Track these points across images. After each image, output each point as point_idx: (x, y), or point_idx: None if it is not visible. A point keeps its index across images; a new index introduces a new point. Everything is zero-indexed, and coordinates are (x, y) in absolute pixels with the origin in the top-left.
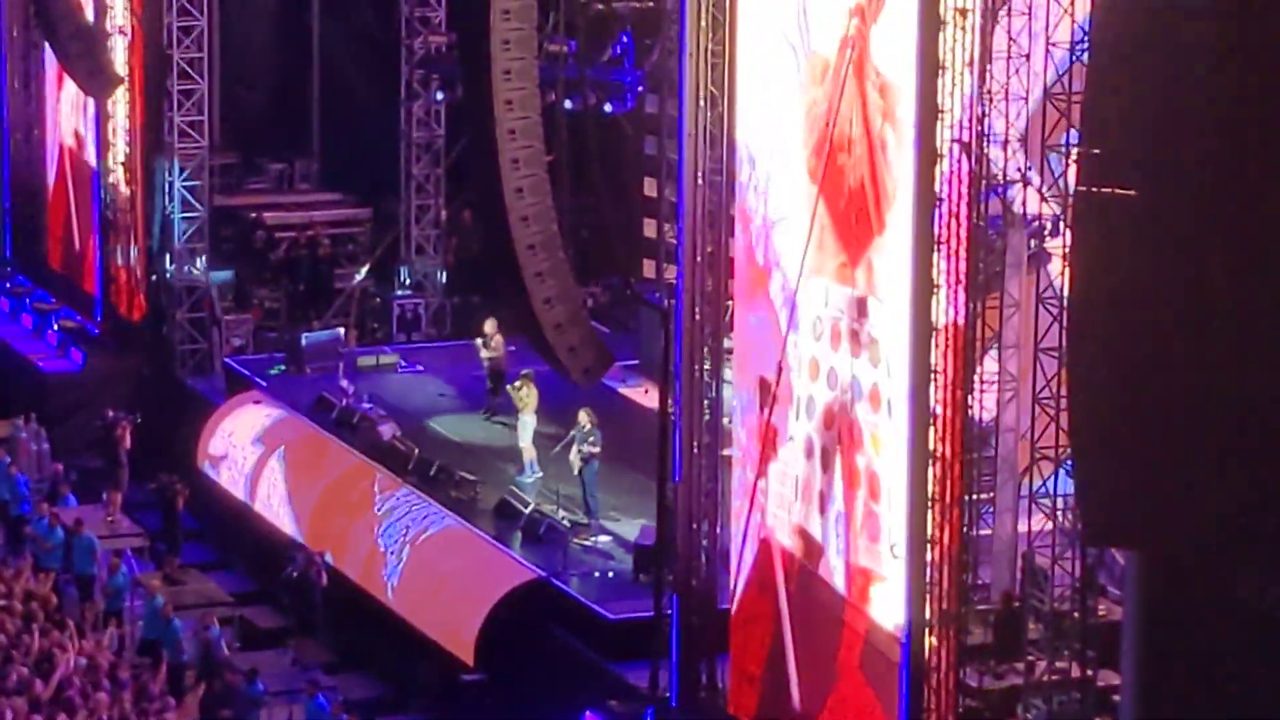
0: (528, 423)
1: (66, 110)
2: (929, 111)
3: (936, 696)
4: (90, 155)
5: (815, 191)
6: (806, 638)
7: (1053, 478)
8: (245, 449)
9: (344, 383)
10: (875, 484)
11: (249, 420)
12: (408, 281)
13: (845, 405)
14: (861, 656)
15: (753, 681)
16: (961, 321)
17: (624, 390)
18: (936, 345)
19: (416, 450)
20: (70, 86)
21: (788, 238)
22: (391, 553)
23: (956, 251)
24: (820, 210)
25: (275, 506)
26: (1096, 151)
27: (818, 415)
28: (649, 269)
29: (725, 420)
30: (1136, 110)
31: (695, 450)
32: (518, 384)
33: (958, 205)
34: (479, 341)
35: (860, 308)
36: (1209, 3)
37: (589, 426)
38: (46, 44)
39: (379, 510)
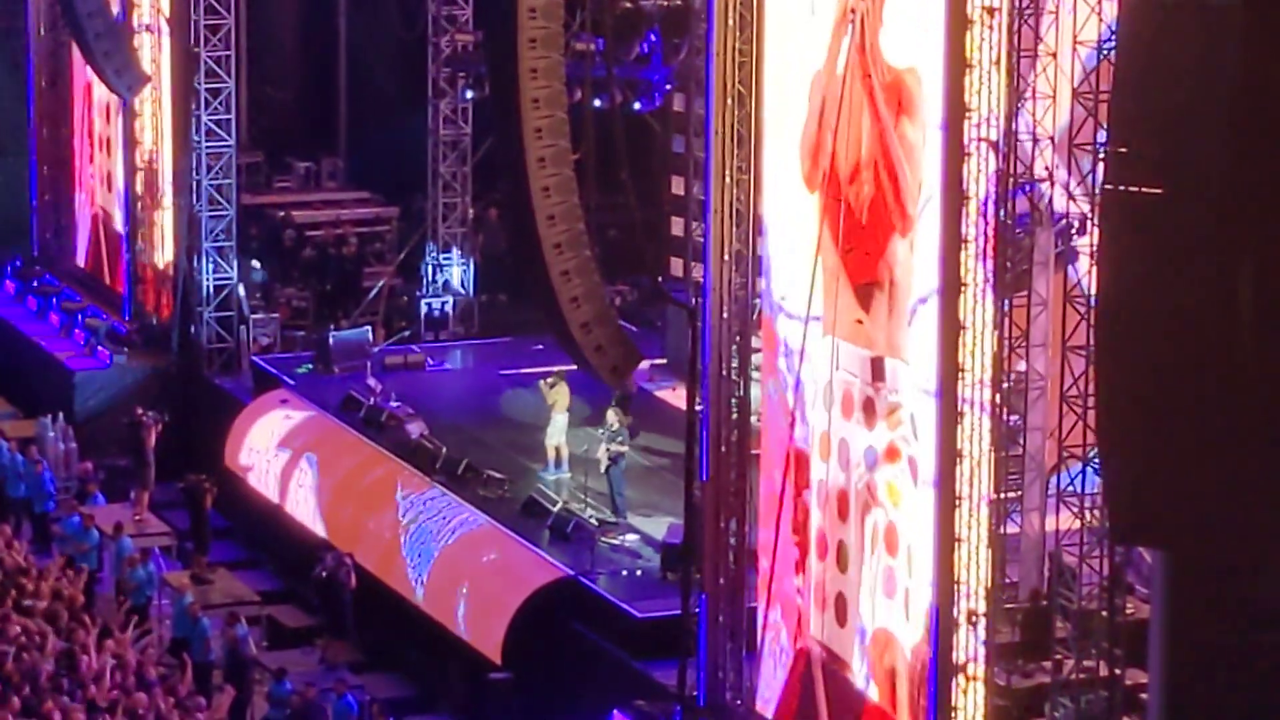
0: (558, 421)
1: (94, 108)
2: (956, 110)
3: (965, 695)
4: (118, 153)
5: (818, 218)
6: None
7: (1080, 476)
8: (271, 454)
9: (371, 381)
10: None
11: (274, 427)
12: (435, 280)
13: (859, 483)
14: None
15: None
16: (989, 320)
17: (653, 389)
18: (964, 344)
19: (444, 449)
20: (98, 85)
21: (788, 286)
22: (419, 552)
23: (984, 250)
24: (825, 241)
25: (305, 507)
26: (1124, 150)
27: (832, 504)
28: (676, 267)
29: (753, 418)
30: (1163, 109)
31: (723, 448)
32: (550, 381)
33: (985, 204)
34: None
35: (879, 370)
36: (1236, 1)
37: (617, 425)
38: (74, 42)
39: (406, 510)
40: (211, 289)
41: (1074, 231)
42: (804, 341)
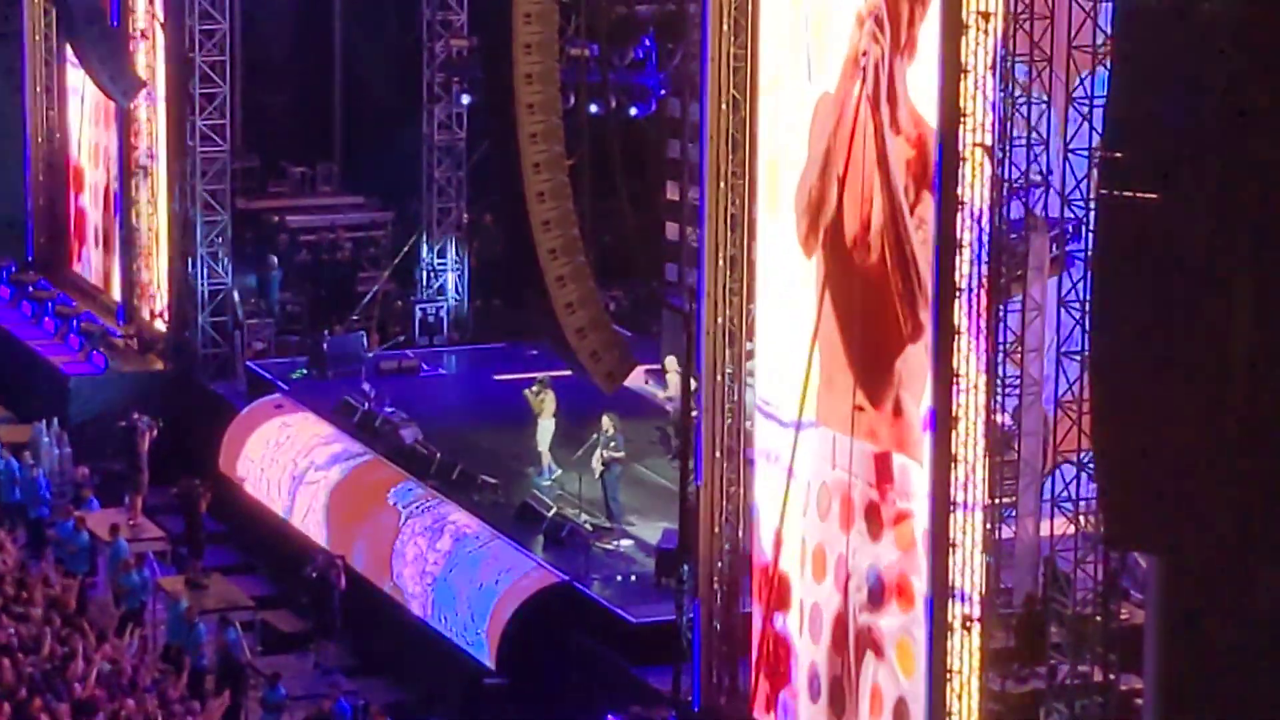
0: (546, 427)
1: (89, 113)
2: (951, 114)
3: (959, 701)
4: (113, 158)
5: (816, 287)
6: None
7: (1075, 481)
8: (271, 464)
9: (366, 386)
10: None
11: (271, 436)
12: (430, 285)
13: (860, 613)
14: None
15: None
16: (983, 325)
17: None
18: (958, 349)
19: (438, 454)
20: (93, 90)
21: (775, 381)
22: (412, 557)
23: (979, 255)
24: (826, 315)
25: (311, 517)
26: (1118, 155)
27: (825, 634)
28: (671, 272)
29: (747, 423)
30: (1158, 114)
31: (717, 453)
32: (535, 389)
33: (980, 209)
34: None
35: (884, 469)
36: (1231, 7)
37: (612, 431)
38: (69, 47)
39: (400, 514)
40: (206, 294)
41: (1068, 237)
42: (795, 438)
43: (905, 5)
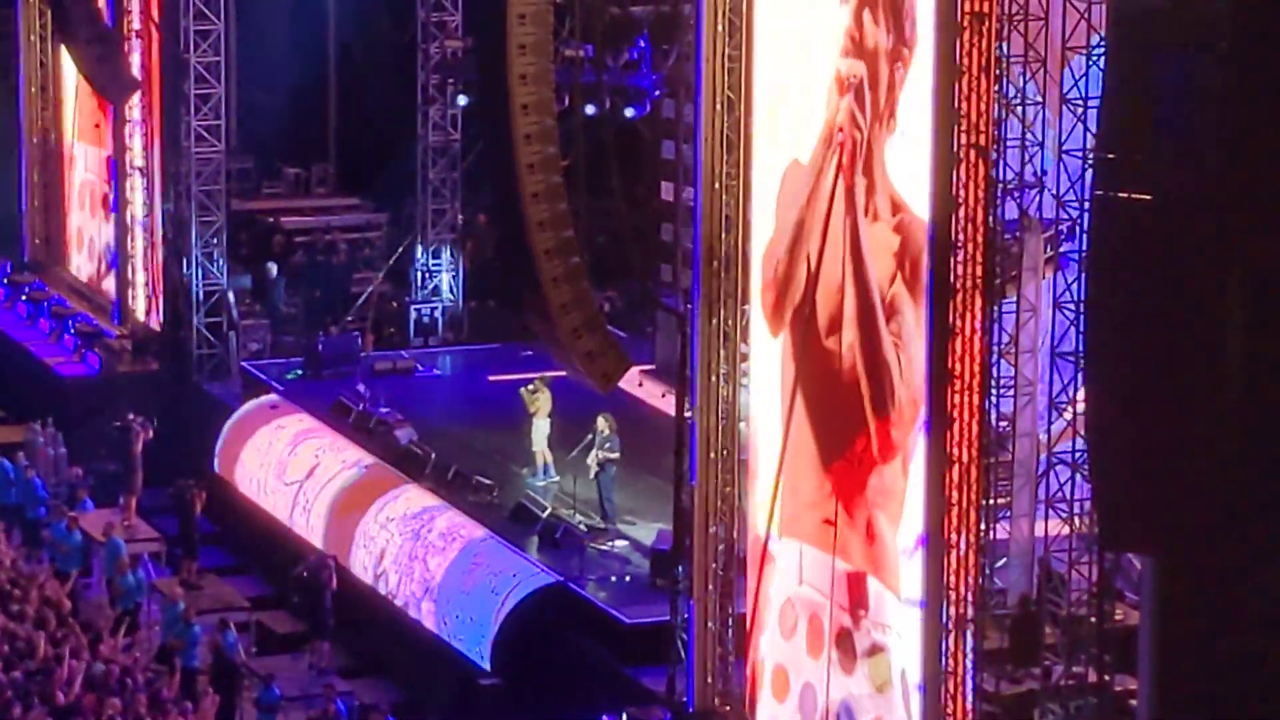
0: (541, 427)
1: (84, 114)
2: (946, 115)
3: (953, 701)
4: (107, 159)
5: (781, 367)
6: None
7: (1069, 482)
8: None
9: (361, 387)
10: None
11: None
12: (424, 286)
13: None
14: None
15: None
16: (978, 325)
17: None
18: (953, 349)
19: (433, 454)
20: (88, 91)
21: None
22: (408, 557)
23: (973, 255)
24: (798, 412)
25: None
26: (1112, 156)
27: None
28: (666, 273)
29: (741, 424)
30: (1152, 115)
31: (712, 454)
32: (531, 388)
33: (974, 209)
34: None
35: (857, 592)
36: (1225, 7)
37: (608, 432)
38: (64, 48)
39: (395, 513)
40: (201, 295)
41: (1063, 238)
42: (765, 535)
43: (885, 68)
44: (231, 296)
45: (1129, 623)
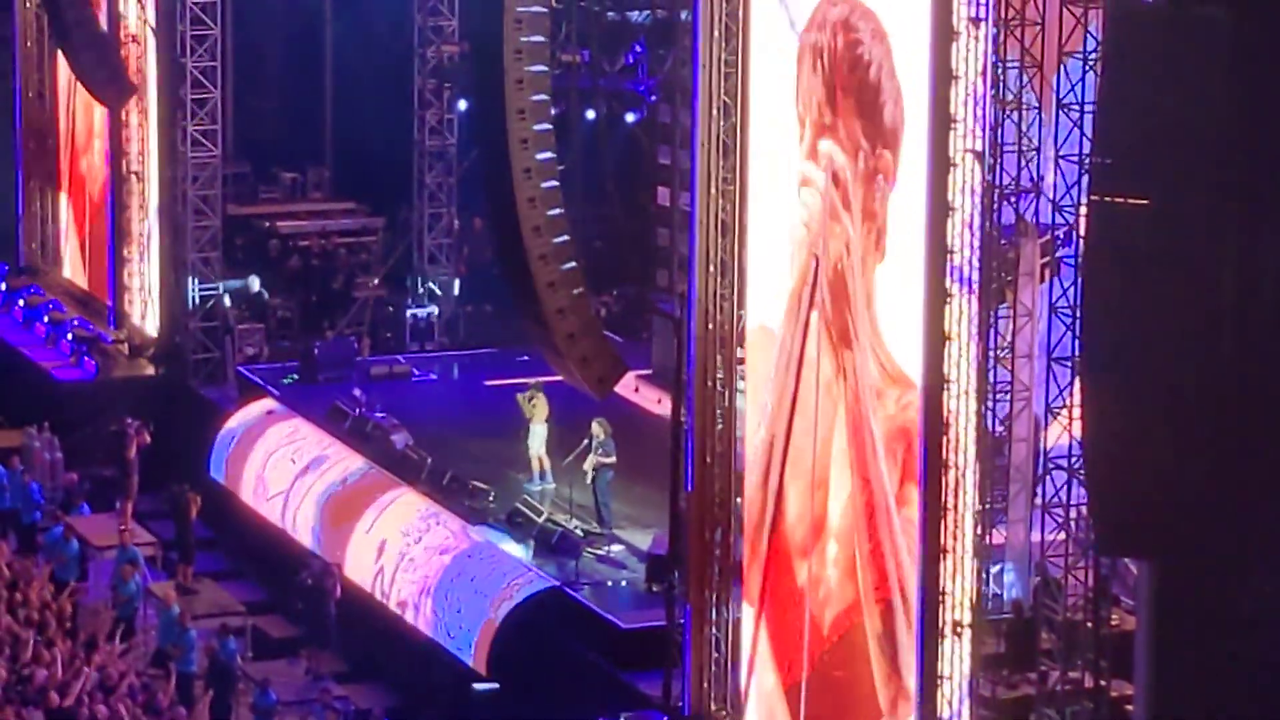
0: (538, 432)
1: (80, 119)
2: (942, 120)
3: (949, 706)
4: (103, 164)
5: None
6: None
7: (1065, 487)
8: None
9: (357, 392)
10: None
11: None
12: (421, 290)
13: None
14: None
15: None
16: (974, 330)
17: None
18: (949, 355)
19: (429, 459)
20: (84, 96)
21: None
22: (403, 561)
23: (969, 260)
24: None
25: (300, 521)
26: (1108, 160)
27: None
28: (662, 278)
29: (737, 429)
30: (1148, 119)
31: (708, 459)
32: (527, 394)
33: (970, 214)
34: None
35: None
36: (1221, 12)
37: (603, 437)
38: (60, 53)
39: (390, 519)
40: (197, 299)
41: (1059, 242)
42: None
43: (865, 165)
44: (228, 301)
45: (1125, 628)
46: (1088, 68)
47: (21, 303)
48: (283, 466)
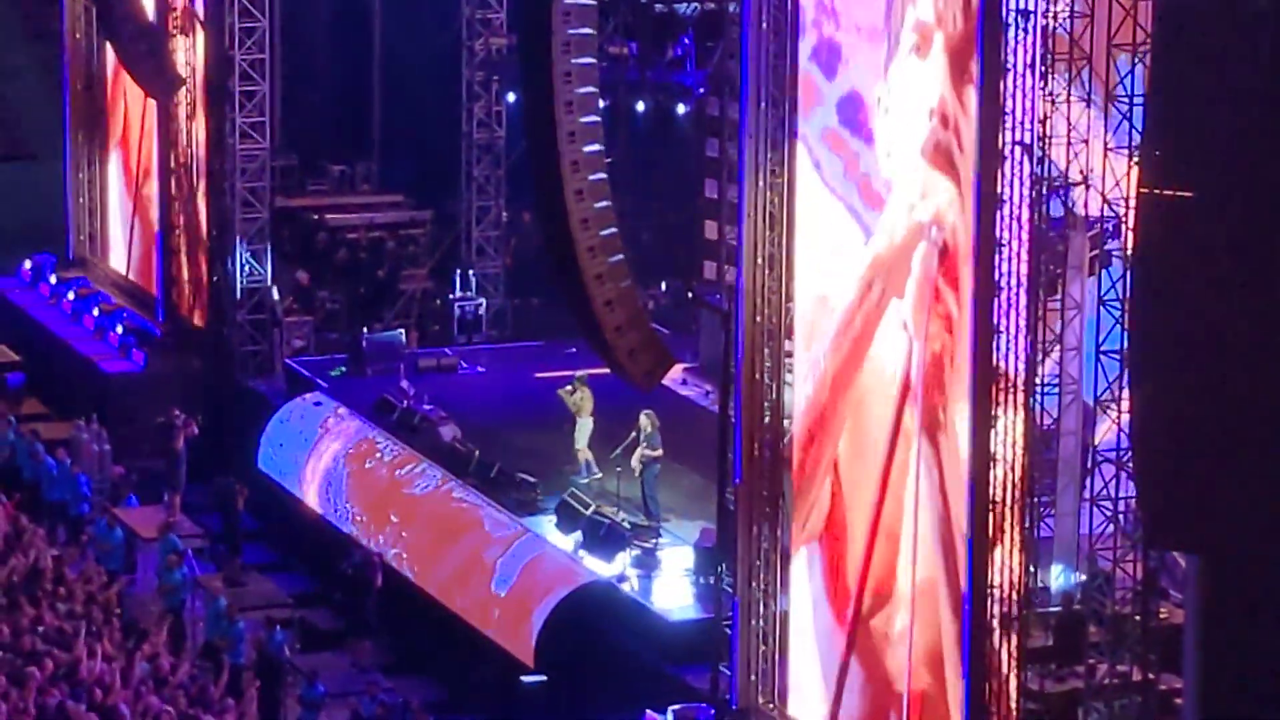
0: (584, 425)
1: (128, 111)
2: (991, 113)
3: (998, 699)
4: (152, 156)
5: None
6: None
7: (1114, 480)
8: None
9: (404, 384)
10: None
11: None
12: (469, 283)
13: None
14: None
15: None
16: (1023, 323)
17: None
18: (998, 347)
19: (477, 452)
20: (133, 88)
21: None
22: (453, 554)
23: (1018, 253)
24: None
25: (339, 506)
26: (1158, 153)
27: None
28: (710, 271)
29: (785, 422)
30: (1198, 112)
31: (755, 452)
32: (571, 388)
33: (1019, 207)
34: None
35: None
36: (1270, 5)
37: (651, 429)
38: (109, 45)
39: (439, 511)
40: (245, 291)
41: (1108, 235)
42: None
43: None
44: (275, 293)
45: (1174, 621)
46: (1137, 60)
47: (71, 295)
48: (328, 458)
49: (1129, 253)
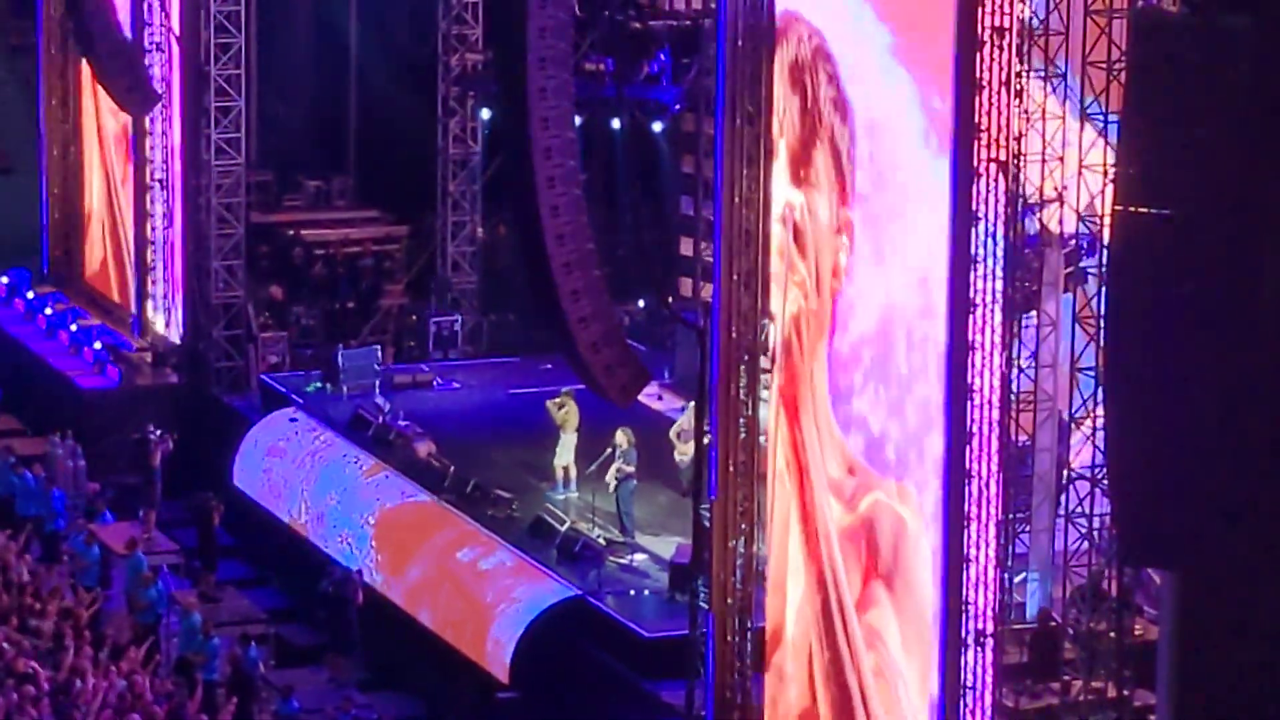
0: (567, 442)
1: (104, 127)
2: (966, 130)
3: (972, 717)
4: (128, 172)
5: None
6: None
7: (1089, 497)
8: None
9: (380, 400)
10: None
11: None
12: (444, 299)
13: None
14: None
15: None
16: (998, 340)
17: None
18: (972, 364)
19: (452, 468)
20: (108, 103)
21: None
22: (426, 570)
23: (993, 270)
24: None
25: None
26: (1133, 171)
27: None
28: (686, 287)
29: (761, 438)
30: (1172, 129)
31: (731, 468)
32: (558, 401)
33: (994, 224)
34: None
35: None
36: (1246, 23)
37: (626, 445)
38: (85, 60)
39: (415, 529)
40: (220, 307)
41: (1083, 252)
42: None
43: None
44: (251, 309)
45: (1148, 637)
46: (1111, 77)
47: (47, 310)
48: (303, 474)
49: (1104, 270)
